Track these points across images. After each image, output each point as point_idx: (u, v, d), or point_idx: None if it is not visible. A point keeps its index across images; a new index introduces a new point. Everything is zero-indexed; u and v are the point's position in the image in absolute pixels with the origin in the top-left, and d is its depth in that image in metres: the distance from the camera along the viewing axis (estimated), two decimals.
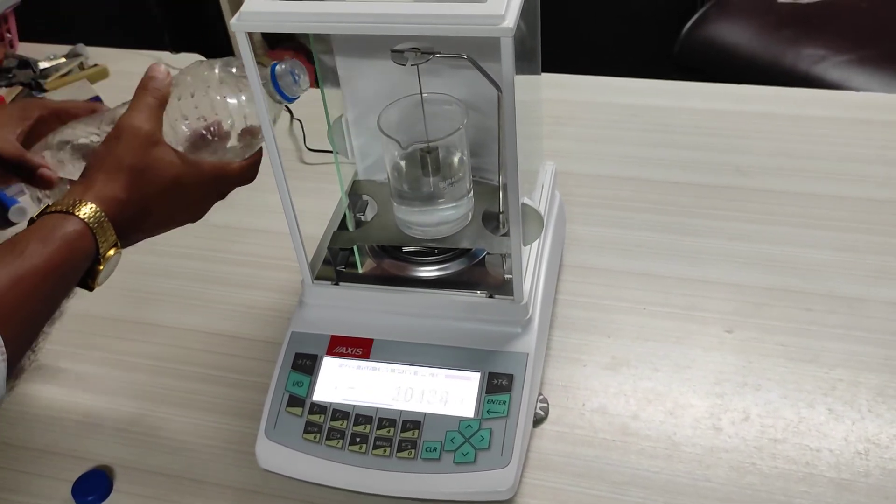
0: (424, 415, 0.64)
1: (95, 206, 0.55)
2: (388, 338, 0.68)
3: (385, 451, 0.63)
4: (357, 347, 0.68)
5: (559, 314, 0.79)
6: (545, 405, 0.71)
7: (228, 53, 0.65)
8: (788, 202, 0.90)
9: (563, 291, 0.81)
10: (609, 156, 0.99)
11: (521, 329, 0.67)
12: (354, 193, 0.75)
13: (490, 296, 0.67)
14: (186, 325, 0.82)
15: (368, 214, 0.74)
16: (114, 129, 0.58)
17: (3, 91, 1.13)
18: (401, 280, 0.70)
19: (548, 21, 0.69)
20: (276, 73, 0.59)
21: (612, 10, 1.85)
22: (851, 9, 1.51)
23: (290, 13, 0.55)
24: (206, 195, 0.63)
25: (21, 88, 1.13)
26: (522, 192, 0.61)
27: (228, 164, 0.62)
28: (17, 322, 0.51)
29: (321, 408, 0.66)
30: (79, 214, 0.54)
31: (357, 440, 0.64)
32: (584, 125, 1.04)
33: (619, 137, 1.01)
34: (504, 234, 0.68)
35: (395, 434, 0.64)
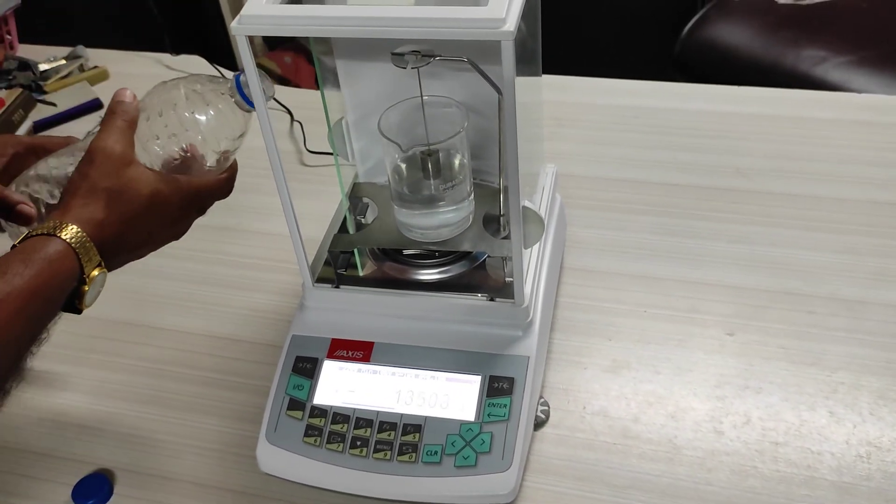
0: (425, 418, 0.64)
1: (77, 228, 0.55)
2: (389, 341, 0.68)
3: (386, 455, 0.63)
4: (358, 350, 0.68)
5: (560, 317, 0.79)
6: (546, 408, 0.71)
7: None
8: (789, 204, 0.90)
9: (564, 294, 0.81)
10: (609, 158, 0.98)
11: (522, 332, 0.67)
12: (355, 196, 0.75)
13: (491, 299, 0.67)
14: (187, 329, 0.82)
15: (369, 217, 0.74)
16: (86, 154, 0.58)
17: (3, 93, 1.13)
18: (401, 283, 0.70)
19: (547, 22, 0.69)
20: (241, 82, 0.59)
21: (612, 12, 1.85)
22: (852, 10, 1.51)
23: (291, 17, 0.55)
24: (186, 211, 0.62)
25: (21, 90, 1.13)
26: (523, 195, 0.61)
27: (204, 179, 0.62)
28: (1, 346, 0.50)
29: (322, 411, 0.66)
30: (61, 235, 0.54)
31: (358, 444, 0.64)
32: (585, 127, 1.04)
33: (620, 139, 1.01)
34: (505, 237, 0.68)
35: (396, 437, 0.64)
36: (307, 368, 0.68)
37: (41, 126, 1.11)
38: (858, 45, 1.41)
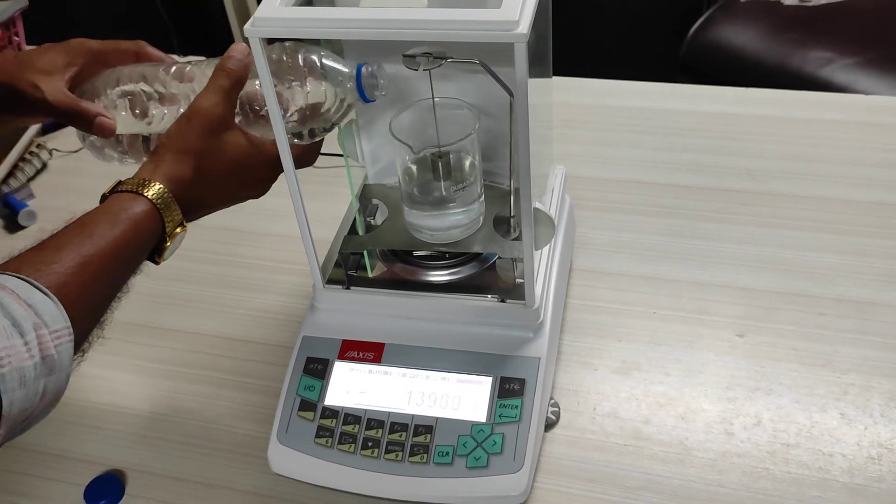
0: (436, 419, 0.64)
1: (162, 186, 0.57)
2: (400, 342, 0.68)
3: (397, 456, 0.63)
4: (368, 352, 0.68)
5: (569, 318, 0.79)
6: (556, 409, 0.71)
7: None
8: (797, 206, 0.90)
9: (574, 295, 0.81)
10: (617, 159, 0.99)
11: (533, 333, 0.67)
12: (365, 197, 0.75)
13: (501, 300, 0.67)
14: (198, 330, 0.82)
15: (379, 219, 0.74)
16: (187, 110, 0.59)
17: None
18: (412, 284, 0.70)
19: (553, 24, 0.69)
20: (362, 74, 0.60)
21: (618, 13, 1.85)
22: (858, 11, 1.51)
23: (304, 19, 0.55)
24: (269, 175, 0.64)
25: None
26: (533, 197, 0.61)
27: (294, 148, 0.63)
28: (85, 303, 0.52)
29: (333, 412, 0.66)
30: (146, 194, 0.56)
31: (369, 444, 0.64)
32: (592, 128, 1.04)
33: (627, 141, 1.01)
34: (515, 239, 0.68)
35: (408, 438, 0.64)
36: (318, 369, 0.68)
37: (50, 127, 1.12)
38: (865, 47, 1.41)
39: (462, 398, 0.65)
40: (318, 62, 0.60)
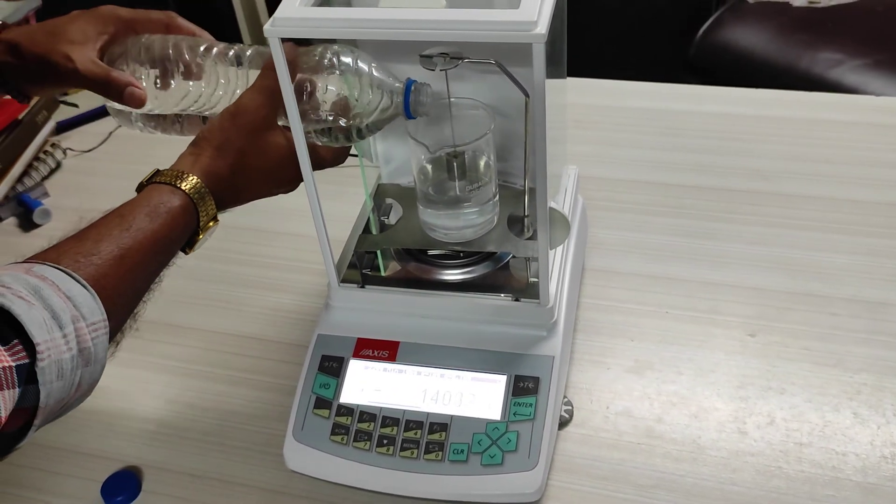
0: (451, 417, 0.65)
1: (199, 180, 0.58)
2: (414, 340, 0.68)
3: (412, 453, 0.64)
4: (383, 350, 0.68)
5: (582, 318, 0.79)
6: (569, 408, 0.71)
7: None
8: (806, 206, 0.90)
9: (586, 295, 0.81)
10: (627, 159, 0.99)
11: (547, 332, 0.67)
12: (379, 197, 0.75)
13: (516, 299, 0.67)
14: (214, 328, 0.83)
15: (392, 218, 0.74)
16: (232, 106, 0.60)
17: None
18: (426, 283, 0.70)
19: None
20: (411, 90, 0.61)
21: (627, 14, 1.85)
22: (868, 12, 1.51)
23: (324, 19, 0.56)
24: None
25: None
26: (548, 196, 0.62)
27: (324, 148, 0.64)
28: (121, 295, 0.53)
29: (348, 410, 0.66)
30: (183, 187, 0.57)
31: (384, 442, 0.65)
32: (602, 129, 1.04)
33: (637, 141, 1.02)
34: (529, 238, 0.69)
35: (423, 436, 0.64)
36: (333, 367, 0.68)
37: (64, 127, 1.12)
38: (874, 48, 1.41)
39: (477, 396, 0.65)
40: (368, 70, 0.61)
